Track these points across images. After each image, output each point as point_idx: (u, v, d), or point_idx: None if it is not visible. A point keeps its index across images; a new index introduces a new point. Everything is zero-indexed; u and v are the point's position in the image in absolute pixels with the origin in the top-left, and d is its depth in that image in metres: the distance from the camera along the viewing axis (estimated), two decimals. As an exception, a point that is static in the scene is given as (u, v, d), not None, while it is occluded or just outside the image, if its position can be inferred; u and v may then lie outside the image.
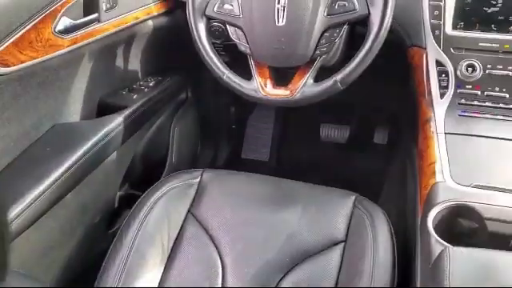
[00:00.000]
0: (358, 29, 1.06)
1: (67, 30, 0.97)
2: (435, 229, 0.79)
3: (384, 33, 0.93)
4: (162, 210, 1.04)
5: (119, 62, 1.25)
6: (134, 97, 1.23)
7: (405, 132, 1.42)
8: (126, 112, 1.17)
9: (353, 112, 1.84)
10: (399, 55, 1.12)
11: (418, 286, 0.78)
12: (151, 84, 1.33)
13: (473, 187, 0.86)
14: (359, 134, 1.82)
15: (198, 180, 1.10)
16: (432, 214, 0.80)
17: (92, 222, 1.12)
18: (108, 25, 1.09)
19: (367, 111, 1.79)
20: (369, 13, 0.93)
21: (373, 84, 1.38)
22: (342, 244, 0.96)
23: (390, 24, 0.93)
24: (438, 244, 0.75)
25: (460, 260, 0.68)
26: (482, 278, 0.67)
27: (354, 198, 1.03)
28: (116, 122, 1.13)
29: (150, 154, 1.38)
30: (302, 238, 0.98)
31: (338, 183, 1.11)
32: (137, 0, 1.20)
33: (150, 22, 1.27)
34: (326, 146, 1.85)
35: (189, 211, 1.05)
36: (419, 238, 0.83)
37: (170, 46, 1.42)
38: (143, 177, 1.37)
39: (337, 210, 1.01)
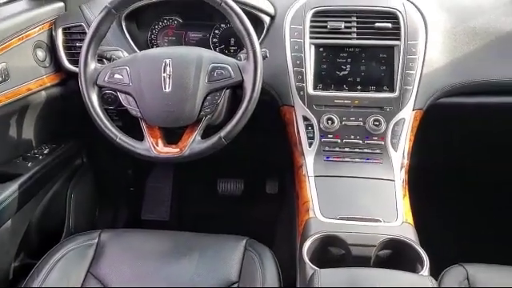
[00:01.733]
0: (239, 91, 1.18)
1: (-42, 103, 0.99)
2: (311, 257, 0.92)
3: (256, 95, 1.06)
4: (60, 273, 1.05)
5: (12, 131, 1.26)
6: (29, 164, 1.25)
7: (289, 180, 1.58)
8: (20, 180, 1.18)
9: (245, 166, 1.96)
10: (275, 113, 1.28)
11: None
12: (45, 151, 1.35)
13: (338, 219, 1.02)
14: (252, 186, 1.96)
15: (96, 241, 1.13)
16: (306, 245, 0.94)
17: None
18: (0, 97, 1.12)
19: (258, 164, 1.94)
20: (242, 79, 1.07)
21: (259, 139, 1.53)
22: (236, 285, 1.06)
23: (260, 87, 1.07)
24: (310, 269, 0.88)
25: (327, 278, 0.82)
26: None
27: (245, 241, 1.14)
28: (10, 190, 1.13)
29: (46, 220, 1.37)
30: (199, 285, 1.05)
31: (235, 232, 1.19)
32: (29, 72, 1.24)
33: (44, 92, 1.30)
34: (223, 199, 1.96)
35: (88, 271, 1.07)
36: (298, 266, 0.96)
37: (64, 113, 1.45)
38: (40, 245, 1.34)
39: (230, 254, 1.11)
